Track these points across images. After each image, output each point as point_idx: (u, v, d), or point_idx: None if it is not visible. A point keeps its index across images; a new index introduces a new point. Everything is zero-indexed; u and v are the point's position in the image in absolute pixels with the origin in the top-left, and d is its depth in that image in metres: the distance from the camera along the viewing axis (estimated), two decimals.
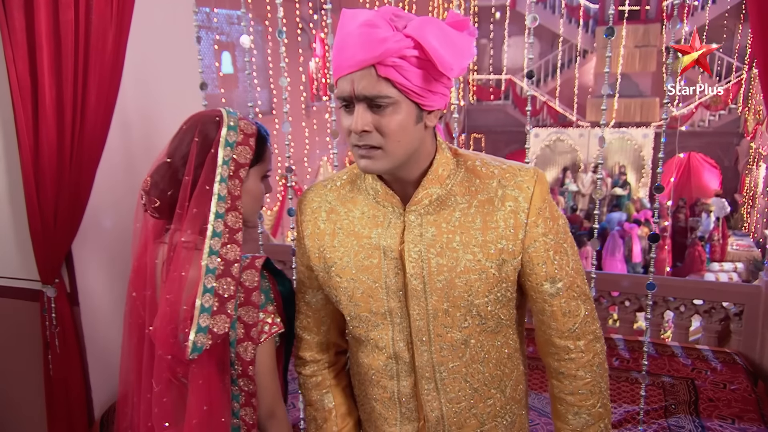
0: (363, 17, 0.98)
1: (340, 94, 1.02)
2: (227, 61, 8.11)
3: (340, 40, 1.00)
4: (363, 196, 1.17)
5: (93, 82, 2.02)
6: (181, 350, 1.18)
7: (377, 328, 1.19)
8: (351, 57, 0.98)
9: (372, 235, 1.14)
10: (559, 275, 1.13)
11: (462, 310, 1.12)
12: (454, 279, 1.10)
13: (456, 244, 1.09)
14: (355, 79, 0.99)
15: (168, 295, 1.20)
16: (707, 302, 3.13)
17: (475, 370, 1.18)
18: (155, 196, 1.26)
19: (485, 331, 1.16)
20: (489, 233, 1.09)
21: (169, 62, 2.57)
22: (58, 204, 2.08)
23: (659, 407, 2.59)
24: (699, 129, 12.91)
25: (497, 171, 1.12)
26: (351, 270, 1.16)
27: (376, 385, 1.25)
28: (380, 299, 1.15)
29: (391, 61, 0.97)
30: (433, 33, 0.97)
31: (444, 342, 1.15)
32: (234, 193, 1.24)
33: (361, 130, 1.01)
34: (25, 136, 2.00)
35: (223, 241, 1.21)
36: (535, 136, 13.25)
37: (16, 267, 2.31)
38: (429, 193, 1.11)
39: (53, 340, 2.22)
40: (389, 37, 0.97)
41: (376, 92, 0.99)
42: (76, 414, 2.28)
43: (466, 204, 1.11)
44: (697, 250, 9.04)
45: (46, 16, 1.91)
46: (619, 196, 11.36)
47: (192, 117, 1.30)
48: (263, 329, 1.25)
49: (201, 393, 1.21)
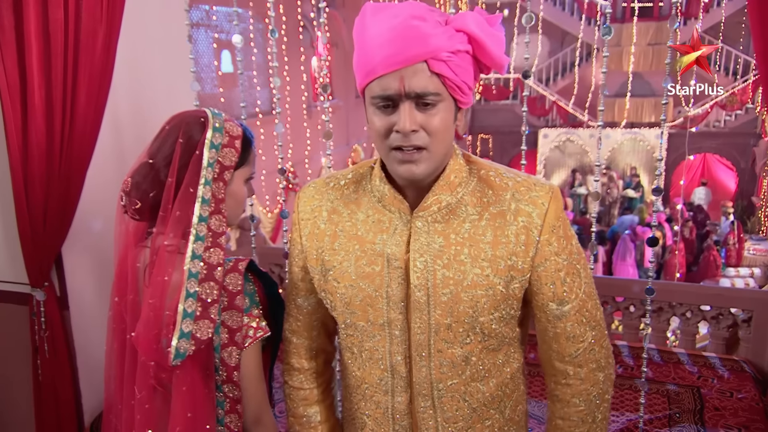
0: (406, 10, 0.94)
1: (384, 92, 0.97)
2: (227, 60, 7.99)
3: (378, 35, 0.95)
4: (368, 198, 1.12)
5: (83, 82, 2.00)
6: (164, 356, 1.15)
7: (373, 339, 1.13)
8: (400, 52, 0.93)
9: (376, 240, 1.09)
10: (568, 297, 1.08)
11: (465, 326, 1.07)
12: (460, 293, 1.05)
13: (464, 257, 1.05)
14: (406, 76, 0.94)
15: (150, 300, 1.17)
16: (715, 308, 3.06)
17: (474, 389, 1.12)
18: (136, 197, 1.23)
19: (487, 349, 1.11)
20: (499, 248, 1.05)
21: (162, 62, 2.55)
22: (48, 206, 2.07)
23: (663, 416, 2.52)
24: (714, 129, 12.65)
25: (512, 183, 1.08)
26: (350, 276, 1.11)
27: (369, 400, 1.19)
28: (379, 309, 1.10)
29: (444, 56, 0.94)
30: (480, 27, 0.96)
31: (444, 358, 1.09)
32: (218, 196, 1.22)
33: (411, 130, 0.96)
34: (14, 137, 1.98)
35: (207, 245, 1.19)
36: (544, 137, 13.14)
37: (4, 270, 2.30)
38: (438, 200, 1.06)
39: (42, 344, 2.20)
40: (441, 32, 0.94)
41: (428, 89, 0.96)
42: (66, 420, 2.26)
43: (476, 215, 1.06)
44: (712, 254, 8.85)
45: (35, 14, 1.90)
46: (631, 198, 11.22)
47: (175, 117, 1.27)
48: (248, 333, 1.23)
49: (185, 400, 1.18)
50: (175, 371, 1.17)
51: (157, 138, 1.26)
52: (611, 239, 9.20)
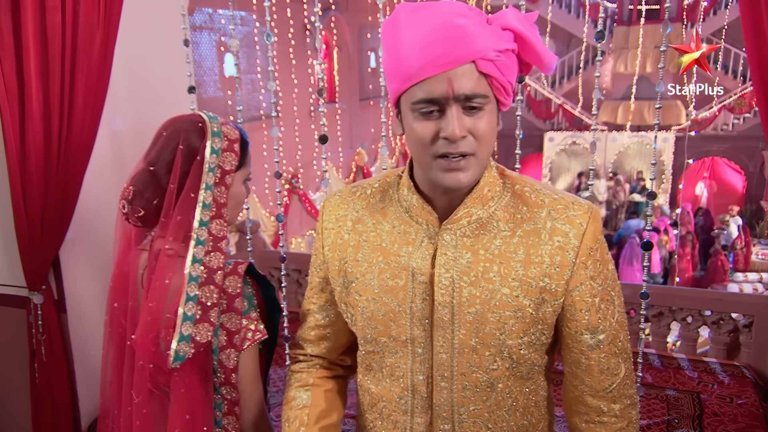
0: (449, 9, 0.90)
1: (429, 96, 0.91)
2: (230, 63, 7.90)
3: (420, 36, 0.89)
4: (395, 208, 1.08)
5: (80, 86, 2.01)
6: (163, 359, 1.16)
7: (395, 356, 1.08)
8: (448, 53, 0.88)
9: (401, 253, 1.04)
10: (603, 326, 1.03)
11: (492, 350, 1.01)
12: (487, 313, 1.00)
13: (493, 275, 0.99)
14: (454, 78, 0.89)
15: (150, 304, 1.19)
16: (715, 313, 3.03)
17: (499, 417, 1.06)
18: (140, 205, 1.24)
19: (515, 376, 1.05)
20: (531, 268, 0.99)
21: (160, 66, 2.56)
22: (45, 209, 2.08)
23: (662, 421, 2.50)
24: (722, 132, 12.48)
25: (548, 200, 1.02)
26: (373, 289, 1.06)
27: (386, 419, 1.13)
28: (402, 325, 1.05)
29: (492, 56, 0.90)
30: (525, 25, 0.92)
31: (467, 381, 1.04)
32: (220, 200, 1.23)
33: (461, 136, 0.91)
34: (12, 140, 2.00)
35: (207, 249, 1.20)
36: (549, 141, 13.08)
37: (2, 273, 2.31)
38: (469, 213, 1.01)
39: (39, 347, 2.20)
40: (489, 30, 0.90)
41: (477, 91, 0.91)
42: (63, 423, 2.26)
43: (509, 232, 1.01)
44: (719, 259, 8.74)
45: (33, 18, 1.91)
46: (638, 202, 11.14)
47: (171, 123, 1.28)
48: (246, 336, 1.23)
49: (183, 402, 1.19)
50: (174, 373, 1.18)
51: (154, 145, 1.26)
52: (618, 244, 9.15)
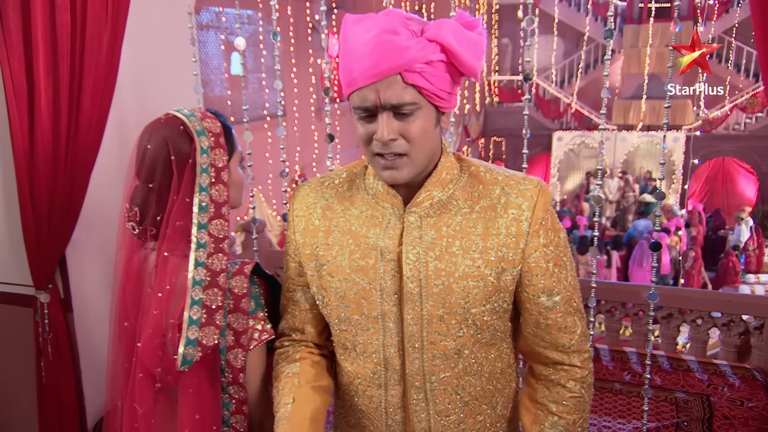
0: (380, 24, 0.96)
1: (362, 103, 1.01)
2: (236, 62, 7.98)
3: (355, 48, 0.97)
4: (362, 195, 1.16)
5: (88, 86, 2.01)
6: (171, 361, 1.16)
7: (367, 333, 1.15)
8: (374, 66, 0.96)
9: (369, 234, 1.12)
10: (557, 288, 1.11)
11: (457, 318, 1.09)
12: (452, 284, 1.07)
13: (455, 249, 1.07)
14: (381, 88, 0.98)
15: (155, 311, 1.18)
16: (726, 315, 2.99)
17: (467, 382, 1.14)
18: (150, 224, 1.22)
19: (479, 343, 1.13)
20: (490, 240, 1.07)
21: (166, 65, 2.55)
22: (52, 208, 2.08)
23: (670, 424, 2.47)
24: (734, 132, 12.37)
25: (501, 178, 1.12)
26: (345, 270, 1.13)
27: (362, 395, 1.20)
28: (373, 302, 1.12)
29: (418, 68, 0.97)
30: (455, 36, 0.98)
31: (437, 350, 1.11)
32: (219, 200, 1.22)
33: (389, 139, 1.00)
34: (20, 140, 1.99)
35: (209, 252, 1.19)
36: (558, 140, 13.01)
37: (8, 272, 2.31)
38: (430, 196, 1.10)
39: (46, 346, 2.20)
40: (414, 44, 0.96)
41: (404, 100, 0.99)
42: (69, 422, 2.26)
43: (468, 209, 1.09)
44: (730, 260, 8.66)
45: (42, 17, 1.90)
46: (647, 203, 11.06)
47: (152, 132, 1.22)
48: (253, 336, 1.23)
49: (192, 402, 1.20)
50: (182, 374, 1.18)
51: (142, 158, 1.22)
52: (627, 244, 9.07)
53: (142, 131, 1.24)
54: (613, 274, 8.47)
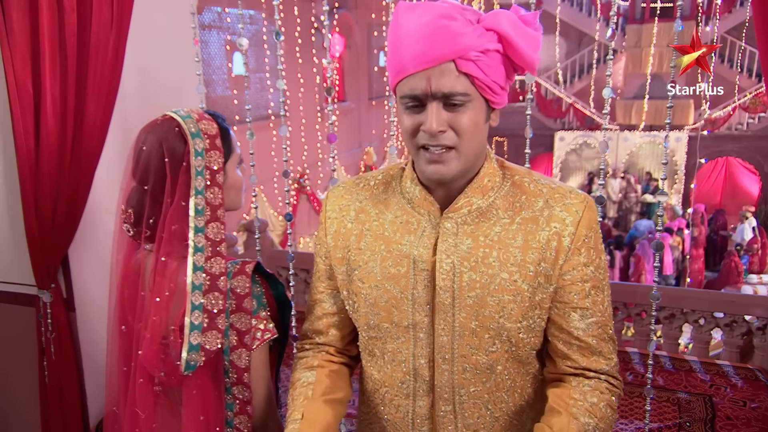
0: (435, 10, 0.93)
1: (411, 92, 0.96)
2: (239, 62, 7.92)
3: (407, 34, 0.94)
4: (397, 199, 1.11)
5: (93, 86, 2.01)
6: (174, 366, 1.16)
7: (397, 341, 1.11)
8: (427, 51, 0.92)
9: (403, 241, 1.07)
10: (592, 310, 1.06)
11: (491, 332, 1.04)
12: (486, 297, 1.03)
13: (492, 260, 1.03)
14: (433, 76, 0.93)
15: (154, 317, 1.17)
16: (728, 315, 2.99)
17: (498, 398, 1.10)
18: (148, 228, 1.21)
19: (513, 359, 1.08)
20: (529, 253, 1.02)
21: (169, 65, 2.56)
22: (56, 208, 2.08)
23: (673, 424, 2.47)
24: (737, 132, 12.30)
25: (546, 190, 1.06)
26: (376, 276, 1.09)
27: (389, 404, 1.16)
28: (404, 311, 1.08)
29: (473, 56, 0.93)
30: (513, 26, 0.94)
31: (467, 363, 1.07)
32: (214, 203, 1.20)
33: (437, 130, 0.95)
34: (23, 140, 2.00)
35: (207, 255, 1.18)
36: (560, 140, 12.99)
37: (11, 271, 2.32)
38: (470, 202, 1.05)
39: (48, 346, 2.21)
40: (470, 31, 0.92)
41: (456, 89, 0.94)
42: (71, 422, 2.27)
43: (508, 219, 1.04)
44: (733, 260, 8.62)
45: (49, 19, 1.90)
46: (649, 203, 11.04)
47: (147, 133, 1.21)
48: (256, 336, 1.23)
49: (196, 404, 1.19)
50: (185, 376, 1.17)
51: (138, 160, 1.21)
52: (629, 244, 9.07)
53: (139, 132, 1.23)
54: (615, 274, 8.47)
